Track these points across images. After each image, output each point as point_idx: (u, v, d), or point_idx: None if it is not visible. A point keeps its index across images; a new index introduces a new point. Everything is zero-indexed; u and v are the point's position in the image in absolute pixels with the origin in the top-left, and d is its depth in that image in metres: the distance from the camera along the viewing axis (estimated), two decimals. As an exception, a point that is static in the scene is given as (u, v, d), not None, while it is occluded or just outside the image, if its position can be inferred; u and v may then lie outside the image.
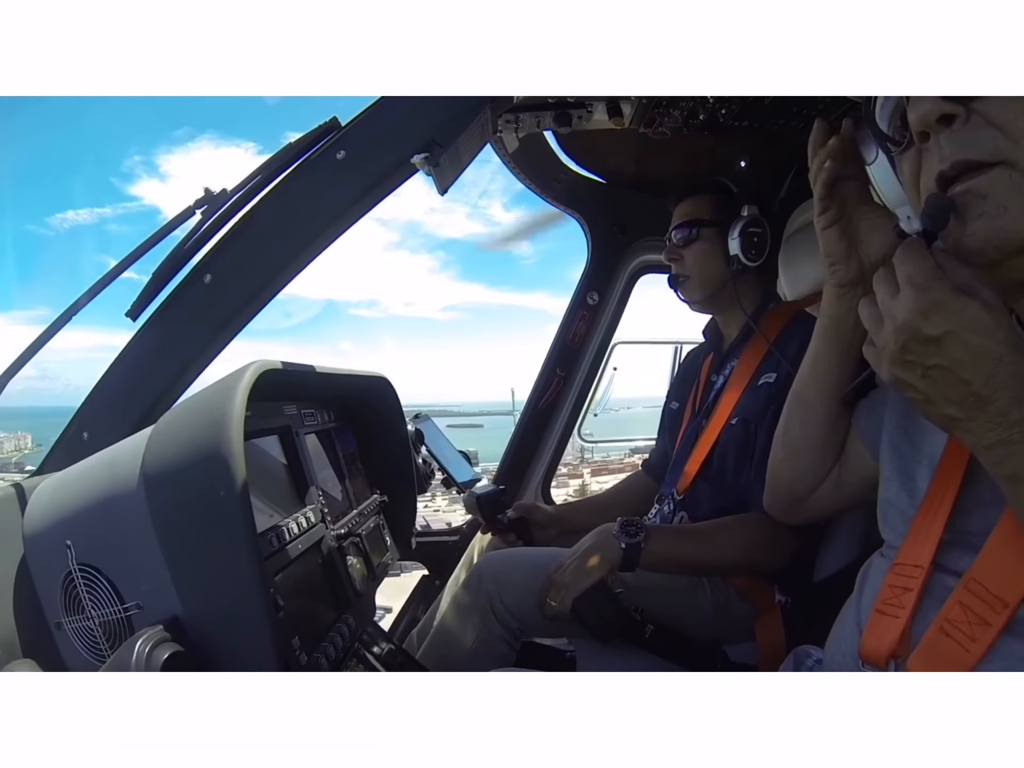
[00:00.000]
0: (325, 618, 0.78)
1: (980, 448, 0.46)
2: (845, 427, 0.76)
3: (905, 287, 0.45)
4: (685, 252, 1.25)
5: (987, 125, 0.47)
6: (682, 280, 1.27)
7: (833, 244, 0.66)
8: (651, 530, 0.99)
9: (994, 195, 0.47)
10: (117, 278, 0.79)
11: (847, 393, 0.72)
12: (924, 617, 0.54)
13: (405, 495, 1.19)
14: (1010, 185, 0.46)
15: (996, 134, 0.46)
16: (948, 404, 0.45)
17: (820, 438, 0.76)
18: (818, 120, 0.66)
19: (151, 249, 0.79)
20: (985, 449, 0.45)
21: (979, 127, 0.47)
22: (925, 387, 0.46)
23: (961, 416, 0.45)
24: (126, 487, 0.58)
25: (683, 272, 1.26)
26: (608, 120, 1.18)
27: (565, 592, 0.95)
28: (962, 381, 0.44)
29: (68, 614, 0.60)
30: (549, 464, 1.89)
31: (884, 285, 0.47)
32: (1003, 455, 0.44)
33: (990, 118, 0.46)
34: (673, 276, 1.28)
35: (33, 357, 0.77)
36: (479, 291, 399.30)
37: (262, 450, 0.80)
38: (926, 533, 0.56)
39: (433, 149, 0.75)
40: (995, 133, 0.46)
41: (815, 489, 0.79)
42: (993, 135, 0.46)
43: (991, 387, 0.43)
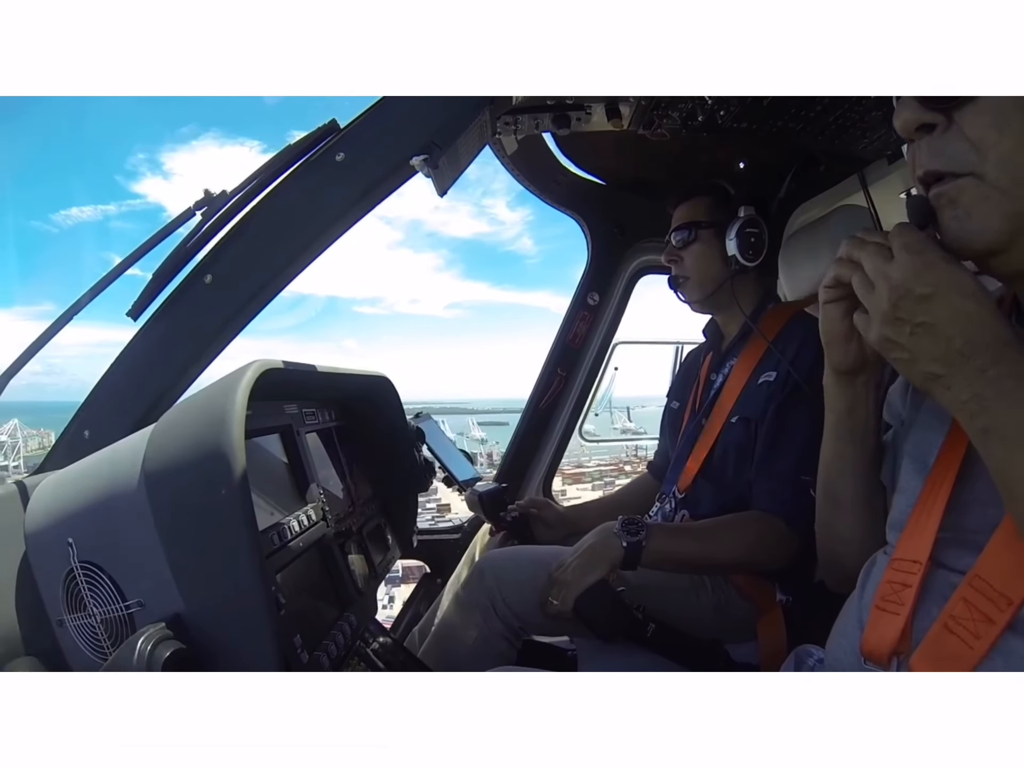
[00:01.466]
0: (326, 616, 0.78)
1: (957, 404, 0.49)
2: (881, 503, 0.71)
3: (900, 252, 0.49)
4: (684, 254, 1.26)
5: (962, 138, 0.49)
6: (682, 281, 1.28)
7: (834, 323, 0.60)
8: (652, 528, 1.00)
9: (962, 201, 0.50)
10: (118, 278, 0.80)
11: None
12: (927, 614, 0.54)
13: (406, 493, 1.19)
14: (977, 194, 0.49)
15: (968, 148, 0.49)
16: (931, 361, 0.49)
17: (860, 524, 0.71)
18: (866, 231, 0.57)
19: (152, 249, 0.79)
20: (962, 404, 0.48)
21: (955, 139, 0.50)
22: (911, 344, 0.49)
23: (942, 373, 0.49)
24: (127, 485, 0.58)
25: (682, 273, 1.28)
26: (607, 122, 1.19)
27: (566, 591, 0.95)
28: (946, 338, 0.48)
29: (70, 611, 0.60)
30: (550, 463, 1.89)
31: (876, 254, 0.51)
32: (978, 410, 0.48)
33: (966, 131, 0.49)
34: (673, 277, 1.30)
35: (35, 356, 0.77)
36: (483, 289, 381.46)
37: (263, 449, 0.80)
38: (922, 528, 0.56)
39: (432, 151, 0.75)
40: (967, 147, 0.49)
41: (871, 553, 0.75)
42: (966, 148, 0.49)
43: (971, 346, 0.47)
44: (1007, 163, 0.48)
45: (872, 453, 0.69)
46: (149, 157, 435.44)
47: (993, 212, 0.49)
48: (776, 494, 1.05)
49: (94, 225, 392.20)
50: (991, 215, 0.49)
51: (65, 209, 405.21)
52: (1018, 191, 0.48)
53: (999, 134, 0.48)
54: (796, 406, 1.07)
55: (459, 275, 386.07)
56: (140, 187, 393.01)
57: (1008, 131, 0.47)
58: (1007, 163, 0.48)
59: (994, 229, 0.50)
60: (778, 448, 1.07)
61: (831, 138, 1.22)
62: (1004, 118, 0.47)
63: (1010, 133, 0.47)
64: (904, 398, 0.69)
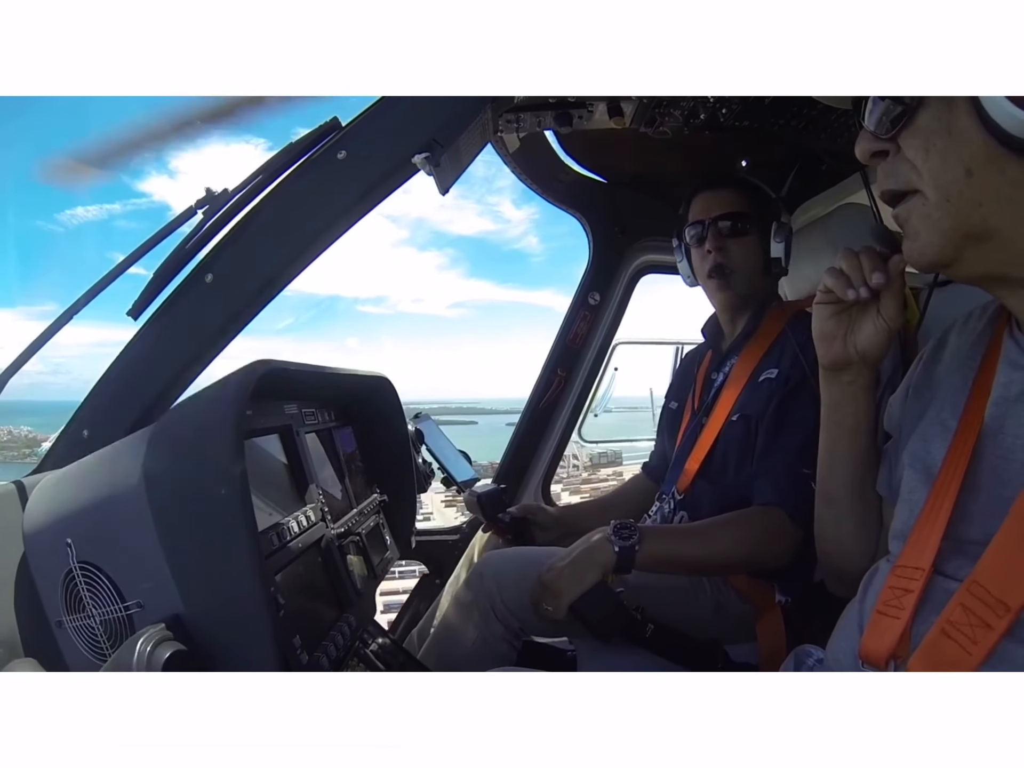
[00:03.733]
0: (326, 617, 0.78)
1: None
2: (873, 503, 0.74)
3: None
4: (732, 243, 1.20)
5: (904, 160, 0.54)
6: (728, 272, 1.21)
7: (822, 321, 0.68)
8: (645, 532, 0.98)
9: (911, 221, 0.56)
10: (118, 277, 0.80)
11: None
12: (925, 619, 0.54)
13: (405, 494, 1.19)
14: (921, 213, 0.54)
15: (909, 168, 0.54)
16: None
17: (849, 521, 0.75)
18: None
19: (153, 249, 0.79)
20: None
21: (900, 161, 0.55)
22: None
23: None
24: (127, 485, 0.58)
25: (730, 264, 1.20)
26: (609, 120, 1.18)
27: (559, 599, 0.93)
28: None
29: (69, 612, 0.60)
30: (549, 464, 1.89)
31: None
32: None
33: (906, 153, 0.54)
34: (719, 266, 1.21)
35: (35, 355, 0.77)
36: (487, 288, 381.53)
37: (262, 449, 0.80)
38: (927, 537, 0.56)
39: (434, 149, 0.75)
40: (909, 167, 0.54)
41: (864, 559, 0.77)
42: (907, 168, 0.54)
43: None
44: (935, 180, 0.52)
45: (862, 452, 0.73)
46: (155, 155, 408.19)
47: (933, 230, 0.54)
48: (777, 486, 1.04)
49: (99, 225, 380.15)
50: (932, 232, 0.54)
51: (71, 208, 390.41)
52: (948, 207, 0.52)
53: (926, 154, 0.52)
54: (797, 401, 1.06)
55: (463, 274, 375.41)
56: (145, 186, 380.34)
57: (933, 151, 0.52)
58: (935, 180, 0.52)
59: (936, 244, 0.54)
60: (779, 442, 1.07)
61: (833, 136, 1.22)
62: (929, 140, 0.52)
63: (935, 152, 0.51)
64: (904, 407, 0.70)
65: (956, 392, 0.61)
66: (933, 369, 0.67)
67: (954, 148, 0.50)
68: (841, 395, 0.71)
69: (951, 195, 0.51)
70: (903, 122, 0.53)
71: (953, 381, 0.63)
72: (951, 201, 0.52)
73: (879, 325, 0.65)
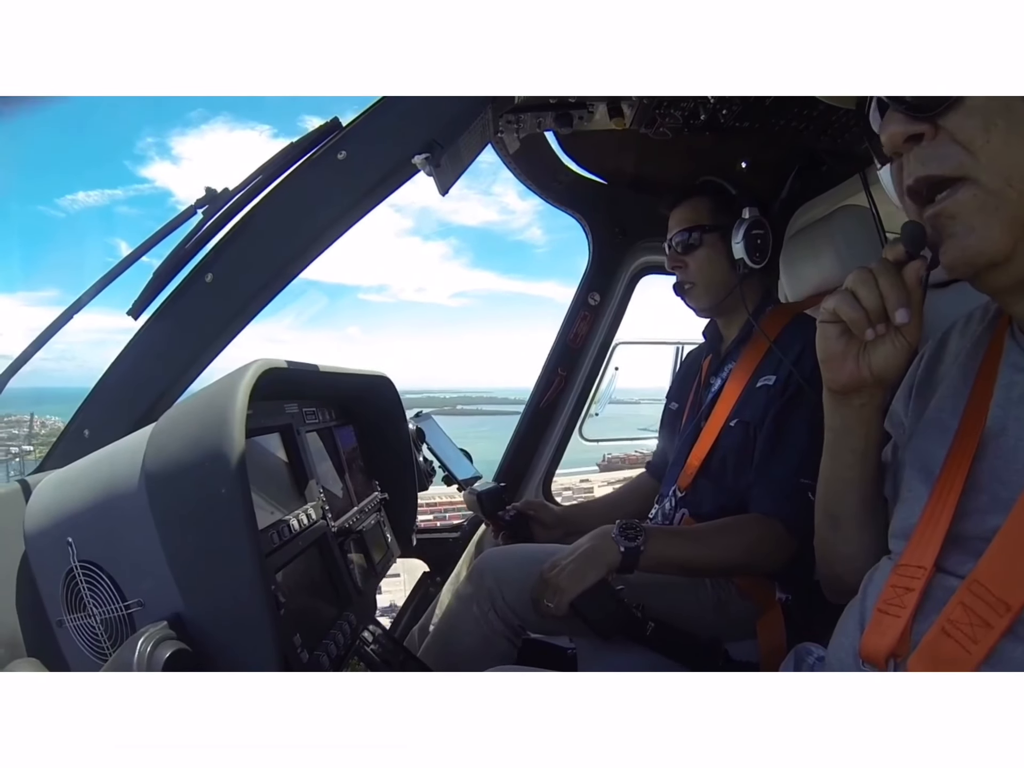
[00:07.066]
0: (326, 615, 0.78)
1: None
2: (883, 520, 0.69)
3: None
4: (688, 259, 1.23)
5: (951, 142, 0.49)
6: (688, 287, 1.24)
7: (830, 341, 0.59)
8: (650, 533, 0.99)
9: (962, 216, 0.49)
10: (119, 276, 0.80)
11: None
12: (926, 618, 0.54)
13: (406, 492, 1.19)
14: (975, 205, 0.48)
15: (959, 150, 0.48)
16: None
17: (859, 542, 0.71)
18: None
19: (153, 248, 0.79)
20: None
21: (944, 144, 0.49)
22: None
23: None
24: (127, 485, 0.58)
25: (688, 279, 1.24)
26: (609, 121, 1.18)
27: (561, 596, 0.94)
28: None
29: (70, 612, 0.60)
30: (550, 463, 1.89)
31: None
32: None
33: (954, 135, 0.48)
34: (678, 284, 1.26)
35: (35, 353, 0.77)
36: (490, 279, 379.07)
37: (263, 448, 0.80)
38: (929, 535, 0.56)
39: (434, 149, 0.75)
40: (958, 149, 0.48)
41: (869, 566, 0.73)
42: (957, 151, 0.48)
43: None
44: (997, 163, 0.47)
45: (874, 473, 0.68)
46: (158, 141, 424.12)
47: (993, 222, 0.48)
48: (775, 497, 1.04)
49: (101, 210, 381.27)
50: (991, 225, 0.48)
51: (72, 194, 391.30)
52: (1011, 193, 0.47)
53: (987, 134, 0.47)
54: (795, 410, 1.06)
55: (467, 264, 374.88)
56: (148, 172, 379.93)
57: (995, 131, 0.47)
58: (997, 163, 0.47)
59: (995, 240, 0.49)
60: (777, 452, 1.07)
61: (833, 138, 1.22)
62: (990, 119, 0.47)
63: (997, 133, 0.47)
64: (907, 407, 0.69)
65: (957, 393, 0.61)
66: (934, 369, 0.67)
67: (1018, 128, 0.46)
68: (853, 419, 0.63)
69: (1015, 180, 0.46)
70: (950, 100, 0.48)
71: (954, 382, 0.62)
72: (1013, 186, 0.46)
73: (899, 344, 0.56)
